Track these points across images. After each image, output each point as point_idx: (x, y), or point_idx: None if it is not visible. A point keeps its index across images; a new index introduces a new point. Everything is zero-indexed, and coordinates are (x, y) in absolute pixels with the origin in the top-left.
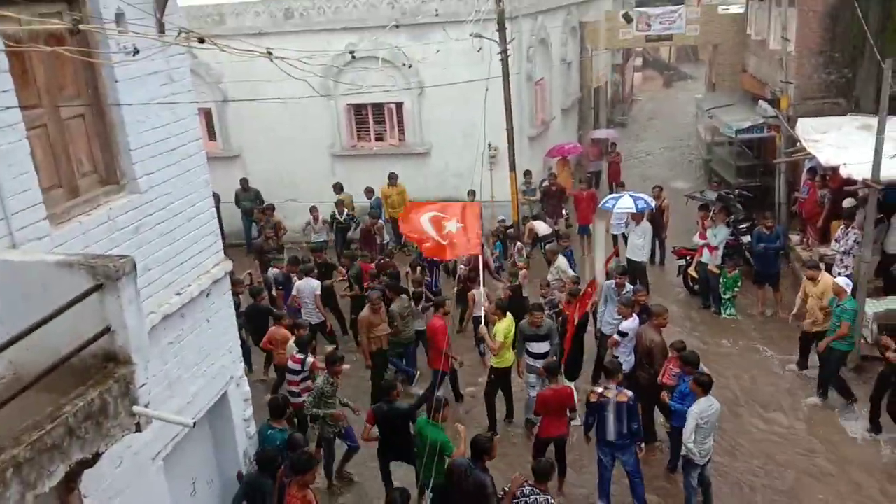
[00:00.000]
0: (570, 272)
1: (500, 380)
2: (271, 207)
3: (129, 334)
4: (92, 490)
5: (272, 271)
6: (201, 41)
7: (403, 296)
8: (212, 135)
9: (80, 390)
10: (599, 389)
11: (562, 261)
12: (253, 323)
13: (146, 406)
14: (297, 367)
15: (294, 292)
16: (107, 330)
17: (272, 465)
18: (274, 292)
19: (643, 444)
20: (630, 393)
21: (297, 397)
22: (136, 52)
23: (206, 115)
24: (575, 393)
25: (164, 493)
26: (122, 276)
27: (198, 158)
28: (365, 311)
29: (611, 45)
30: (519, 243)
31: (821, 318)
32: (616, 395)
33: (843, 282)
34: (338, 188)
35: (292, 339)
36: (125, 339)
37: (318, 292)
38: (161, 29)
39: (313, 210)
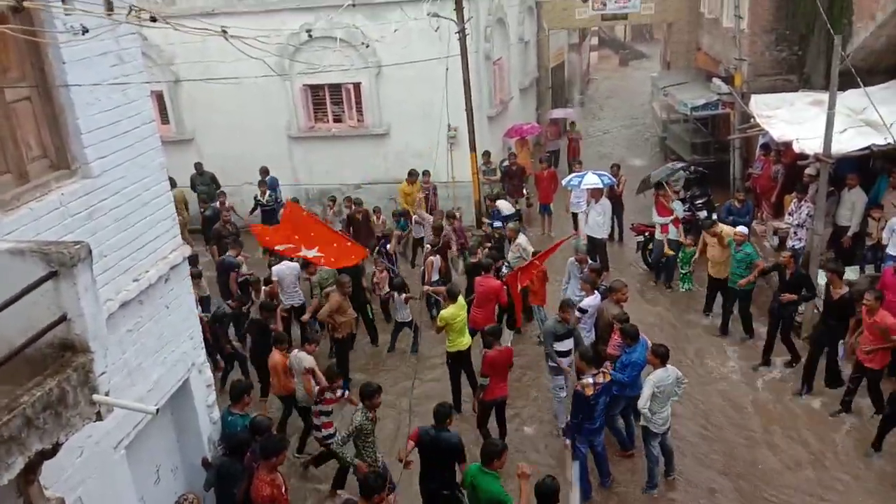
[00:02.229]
0: (531, 249)
1: (457, 363)
2: (210, 198)
3: (86, 322)
4: (53, 481)
5: (228, 255)
6: (153, 20)
7: None
8: (164, 118)
9: (38, 380)
10: (590, 380)
11: (522, 238)
12: (255, 338)
13: (106, 394)
14: (328, 408)
15: (273, 277)
16: (63, 318)
17: (242, 450)
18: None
19: None
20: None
21: (319, 431)
22: (85, 31)
23: (158, 97)
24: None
25: (127, 482)
26: (77, 262)
27: (152, 141)
28: (334, 296)
29: (567, 24)
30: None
31: (746, 279)
32: (603, 377)
33: (743, 229)
34: (264, 172)
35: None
36: (82, 327)
37: (298, 273)
38: (110, 7)
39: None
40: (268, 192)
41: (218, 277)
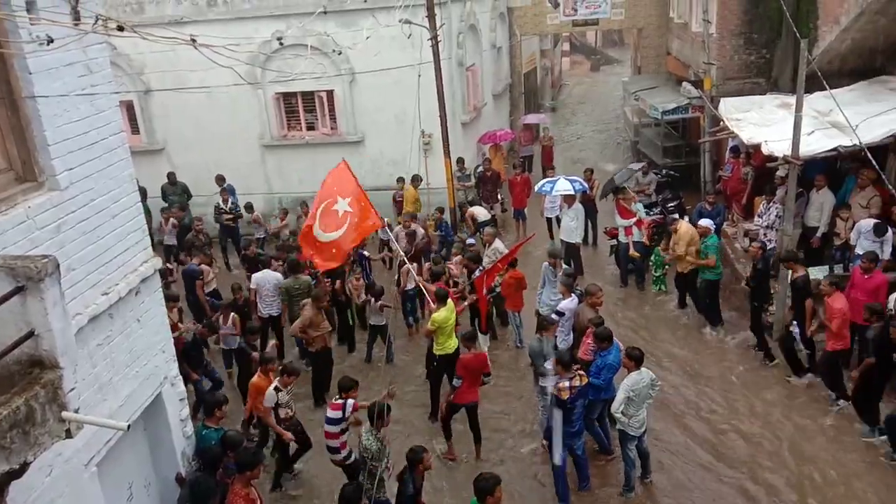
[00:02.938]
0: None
1: (443, 366)
2: (182, 208)
3: (54, 337)
4: (21, 502)
5: (191, 263)
6: (120, 29)
7: None
8: (135, 128)
9: (4, 398)
10: (566, 384)
11: (498, 244)
12: (240, 361)
13: (76, 411)
14: (338, 413)
15: (252, 285)
16: (30, 334)
17: (216, 465)
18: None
19: None
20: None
21: (337, 453)
22: (51, 41)
23: (128, 107)
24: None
25: (98, 500)
26: (44, 277)
27: (121, 152)
28: (308, 310)
29: (538, 30)
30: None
31: (690, 260)
32: (580, 380)
33: (707, 222)
34: (220, 179)
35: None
36: (51, 342)
37: (281, 285)
38: (77, 17)
39: (248, 206)
40: (230, 200)
41: (186, 289)
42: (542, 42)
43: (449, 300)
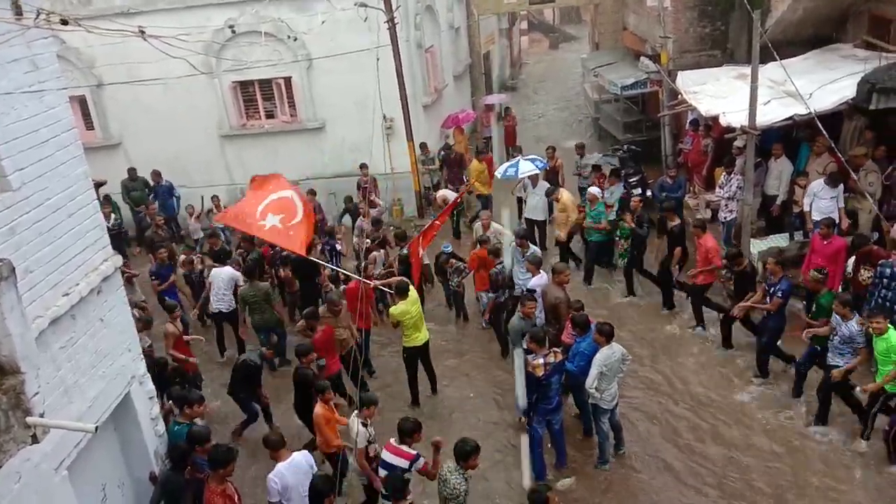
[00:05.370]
0: (509, 233)
1: (414, 358)
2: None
3: (13, 342)
4: None
5: (151, 267)
6: (64, 23)
7: None
8: (89, 123)
9: None
10: (541, 360)
11: (497, 226)
12: (299, 393)
13: (41, 415)
14: (403, 462)
15: (209, 279)
16: None
17: (184, 461)
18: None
19: None
20: (558, 349)
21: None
22: None
23: (81, 102)
24: None
25: (72, 503)
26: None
27: (73, 149)
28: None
29: (495, 9)
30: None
31: (569, 225)
32: (554, 356)
33: (595, 191)
34: (156, 176)
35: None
36: (10, 347)
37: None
38: (18, 11)
39: (214, 198)
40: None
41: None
42: (500, 21)
43: (411, 292)
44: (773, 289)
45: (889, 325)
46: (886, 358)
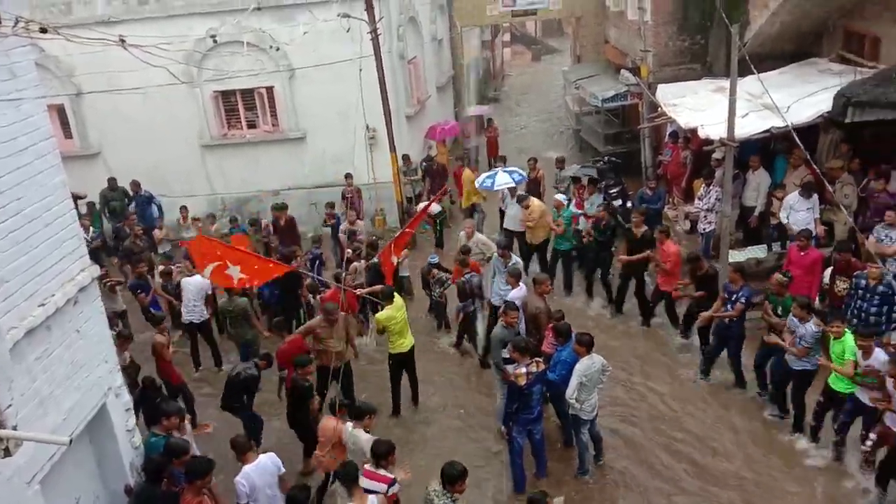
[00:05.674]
0: (492, 245)
1: (399, 365)
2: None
3: None
4: None
5: (131, 280)
6: (43, 31)
7: None
8: (67, 132)
9: None
10: (523, 369)
11: (480, 236)
12: (294, 403)
13: (14, 428)
14: (383, 486)
15: (181, 288)
16: None
17: (160, 473)
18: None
19: None
20: (540, 359)
21: None
22: None
23: (59, 111)
24: None
25: None
26: None
27: (51, 158)
28: (315, 320)
29: (478, 21)
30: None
31: (544, 230)
32: (536, 366)
33: (562, 197)
34: (135, 186)
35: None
36: None
37: (210, 291)
38: None
39: (183, 209)
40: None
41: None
42: (483, 33)
43: (396, 298)
44: (734, 296)
45: (846, 329)
46: (840, 359)
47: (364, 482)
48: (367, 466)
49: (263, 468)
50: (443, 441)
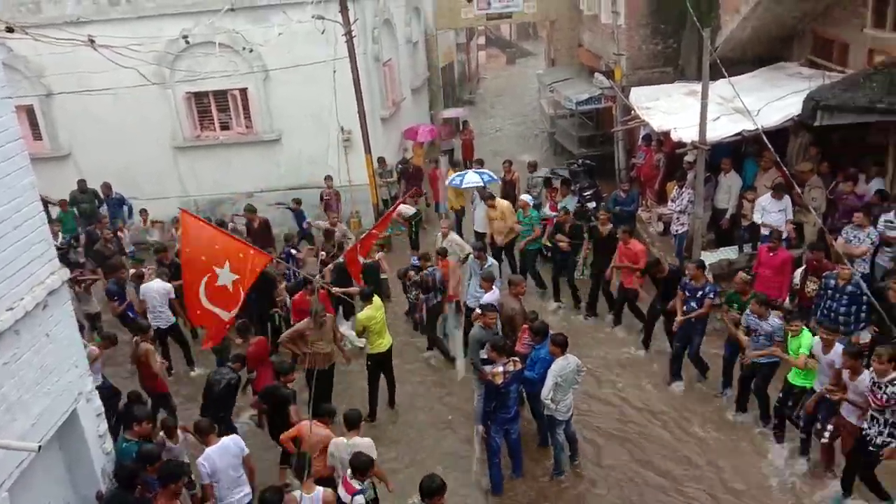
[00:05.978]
0: (467, 247)
1: (378, 365)
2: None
3: None
4: None
5: (109, 285)
6: (10, 30)
7: None
8: (37, 134)
9: None
10: (500, 368)
11: (455, 236)
12: (274, 411)
13: None
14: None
15: (140, 296)
16: None
17: (133, 480)
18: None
19: None
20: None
21: None
22: None
23: (28, 111)
24: None
25: None
26: None
27: (19, 160)
28: (303, 323)
29: (453, 23)
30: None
31: (510, 232)
32: (513, 365)
33: (527, 198)
34: (106, 188)
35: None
36: None
37: (173, 295)
38: None
39: (143, 212)
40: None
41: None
42: (458, 36)
43: (375, 298)
44: (698, 293)
45: (804, 328)
46: (796, 353)
47: (342, 492)
48: (347, 477)
49: (225, 449)
50: (421, 441)
